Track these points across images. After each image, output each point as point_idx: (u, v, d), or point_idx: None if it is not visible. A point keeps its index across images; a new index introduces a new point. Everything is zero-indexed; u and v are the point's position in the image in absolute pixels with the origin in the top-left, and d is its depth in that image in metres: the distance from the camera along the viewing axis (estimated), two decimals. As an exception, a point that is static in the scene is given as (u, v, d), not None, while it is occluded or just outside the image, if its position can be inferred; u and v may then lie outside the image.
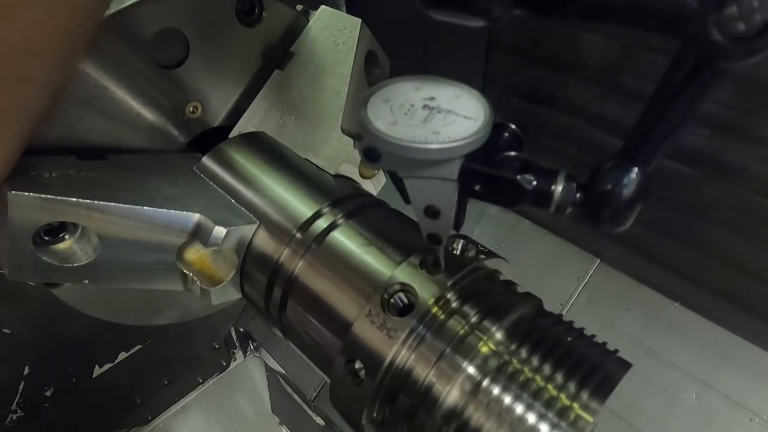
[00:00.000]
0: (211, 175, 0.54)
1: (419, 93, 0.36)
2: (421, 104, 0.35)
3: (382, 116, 0.35)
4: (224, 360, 1.26)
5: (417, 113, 0.35)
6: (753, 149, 0.59)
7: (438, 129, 0.34)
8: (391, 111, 0.35)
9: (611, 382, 0.37)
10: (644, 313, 0.80)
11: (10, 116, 0.41)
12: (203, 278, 0.50)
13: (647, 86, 0.64)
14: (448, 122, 0.34)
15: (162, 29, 0.52)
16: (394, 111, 0.35)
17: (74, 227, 0.46)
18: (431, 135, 0.33)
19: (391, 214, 0.53)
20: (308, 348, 0.50)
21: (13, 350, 0.87)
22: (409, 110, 0.35)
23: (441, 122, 0.34)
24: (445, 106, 0.35)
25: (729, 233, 0.67)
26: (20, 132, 0.42)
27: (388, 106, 0.35)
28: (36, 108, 0.42)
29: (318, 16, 0.65)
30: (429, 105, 0.35)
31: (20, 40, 0.36)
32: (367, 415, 0.41)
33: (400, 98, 0.36)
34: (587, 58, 0.68)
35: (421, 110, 0.35)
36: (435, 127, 0.34)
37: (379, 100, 0.36)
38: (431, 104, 0.35)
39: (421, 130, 0.33)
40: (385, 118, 0.34)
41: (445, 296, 0.41)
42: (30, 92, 0.41)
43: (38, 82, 0.41)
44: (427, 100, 0.36)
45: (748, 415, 0.70)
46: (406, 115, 0.35)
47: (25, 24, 0.35)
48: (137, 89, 0.54)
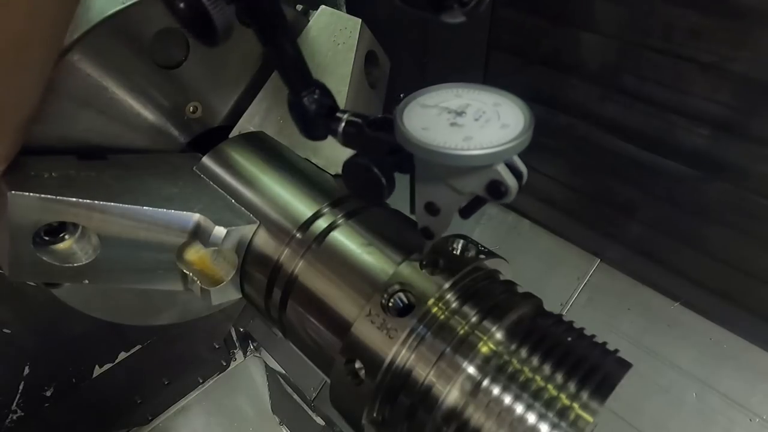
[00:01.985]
0: (211, 175, 0.54)
1: (457, 101, 0.36)
2: (457, 110, 0.35)
3: (416, 121, 0.35)
4: (224, 360, 1.26)
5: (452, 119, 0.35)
6: (753, 149, 0.59)
7: (472, 134, 0.33)
8: (426, 117, 0.35)
9: (611, 382, 0.37)
10: (644, 313, 0.80)
11: (12, 105, 0.41)
12: (203, 278, 0.50)
13: (647, 86, 0.64)
14: (485, 128, 0.34)
15: (162, 29, 0.52)
16: (430, 117, 0.35)
17: (74, 227, 0.46)
18: (462, 142, 0.33)
19: (391, 215, 0.53)
20: (308, 348, 0.50)
21: (13, 350, 0.87)
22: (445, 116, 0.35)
23: (476, 129, 0.34)
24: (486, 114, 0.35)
25: (729, 233, 0.67)
26: (21, 121, 0.42)
27: (424, 112, 0.35)
28: (34, 96, 0.43)
29: (318, 16, 0.65)
30: (465, 112, 0.35)
31: (22, 27, 0.36)
32: (367, 415, 0.41)
33: (437, 105, 0.36)
34: (587, 58, 0.68)
35: (456, 116, 0.35)
36: (468, 133, 0.34)
37: (416, 105, 0.36)
38: (467, 111, 0.35)
39: (454, 136, 0.33)
40: (419, 123, 0.34)
41: (445, 296, 0.41)
42: (30, 80, 0.41)
43: (37, 68, 0.41)
44: (464, 107, 0.36)
45: (748, 415, 0.70)
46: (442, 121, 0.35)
47: (25, 10, 0.35)
48: (137, 89, 0.54)
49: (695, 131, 0.62)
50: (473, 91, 0.37)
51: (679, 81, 0.61)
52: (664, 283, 0.79)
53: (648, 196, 0.73)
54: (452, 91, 0.37)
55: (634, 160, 0.70)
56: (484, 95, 0.36)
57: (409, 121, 0.35)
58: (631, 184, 0.74)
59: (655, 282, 0.80)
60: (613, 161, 0.73)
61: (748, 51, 0.55)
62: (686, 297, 0.77)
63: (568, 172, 0.80)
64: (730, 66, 0.56)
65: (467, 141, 0.33)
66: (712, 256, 0.71)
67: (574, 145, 0.76)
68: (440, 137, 0.33)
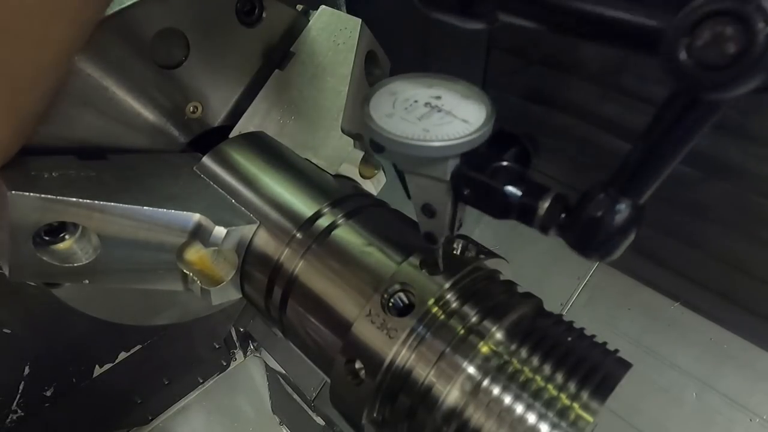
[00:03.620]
0: (211, 175, 0.54)
1: (428, 91, 0.36)
2: (424, 101, 0.36)
3: (382, 108, 0.35)
4: (224, 360, 1.26)
5: (417, 110, 0.35)
6: (753, 149, 0.59)
7: (430, 127, 0.34)
8: (393, 104, 0.35)
9: (611, 382, 0.37)
10: (644, 313, 0.80)
11: (25, 82, 0.39)
12: (203, 278, 0.50)
13: (647, 86, 0.64)
14: (445, 122, 0.34)
15: (162, 29, 0.52)
16: (396, 105, 0.35)
17: (74, 227, 0.46)
18: (421, 132, 0.33)
19: (391, 215, 0.53)
20: (308, 348, 0.50)
21: (13, 350, 0.87)
22: (411, 106, 0.35)
23: (437, 121, 0.34)
24: (446, 107, 0.35)
25: (729, 233, 0.67)
26: (32, 105, 0.41)
27: (391, 99, 0.36)
28: (49, 78, 0.41)
29: (318, 16, 0.65)
30: (431, 103, 0.35)
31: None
32: (368, 415, 0.41)
33: (406, 93, 0.36)
34: (587, 58, 0.68)
35: (422, 107, 0.35)
36: (428, 125, 0.34)
37: (386, 92, 0.36)
38: (434, 102, 0.35)
39: (414, 127, 0.34)
40: (384, 110, 0.35)
41: (445, 296, 0.41)
42: (46, 57, 0.39)
43: (55, 45, 0.39)
44: (432, 99, 0.36)
45: (748, 415, 0.70)
46: (406, 110, 0.35)
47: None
48: (137, 89, 0.54)
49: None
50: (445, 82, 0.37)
51: (679, 81, 0.61)
52: (664, 283, 0.79)
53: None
54: (424, 80, 0.37)
55: (634, 160, 0.69)
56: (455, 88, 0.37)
57: (376, 108, 0.35)
58: (631, 184, 0.74)
59: (655, 282, 0.80)
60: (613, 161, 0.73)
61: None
62: (686, 297, 0.78)
63: (568, 172, 0.80)
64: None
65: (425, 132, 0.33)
66: (712, 256, 0.71)
67: (574, 145, 0.76)
68: (401, 126, 0.34)
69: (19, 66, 0.38)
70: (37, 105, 0.42)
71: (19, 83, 0.39)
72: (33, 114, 0.42)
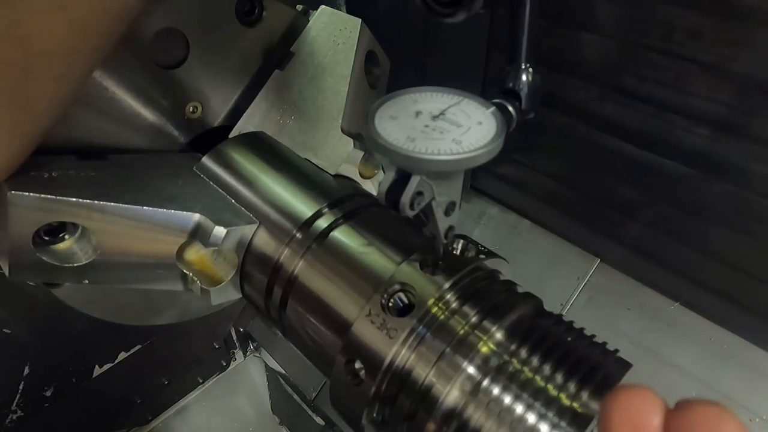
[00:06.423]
0: (211, 175, 0.54)
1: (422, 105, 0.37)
2: (429, 117, 0.37)
3: (395, 134, 0.35)
4: (224, 360, 1.26)
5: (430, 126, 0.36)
6: (753, 149, 0.59)
7: (458, 138, 0.35)
8: (402, 128, 0.36)
9: (611, 382, 0.37)
10: (644, 313, 0.80)
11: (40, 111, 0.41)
12: (203, 278, 0.50)
13: (647, 86, 0.64)
14: (464, 131, 0.36)
15: (162, 29, 0.52)
16: (406, 127, 0.36)
17: (74, 227, 0.46)
18: (453, 145, 0.34)
19: (391, 215, 0.53)
20: (308, 348, 0.50)
21: (13, 350, 0.87)
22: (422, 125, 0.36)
23: (458, 132, 0.35)
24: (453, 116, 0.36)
25: (729, 233, 0.67)
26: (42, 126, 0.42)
27: (397, 123, 0.36)
28: (63, 106, 0.42)
29: (318, 16, 0.65)
30: (437, 116, 0.37)
31: (68, 34, 0.35)
32: (367, 415, 0.41)
33: (406, 112, 0.37)
34: (587, 58, 0.68)
35: (433, 122, 0.36)
36: (455, 137, 0.35)
37: (386, 117, 0.37)
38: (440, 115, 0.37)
39: (443, 142, 0.35)
40: (400, 135, 0.35)
41: (445, 296, 0.41)
42: (64, 90, 0.40)
43: (74, 80, 0.40)
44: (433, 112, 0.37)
45: (748, 415, 0.70)
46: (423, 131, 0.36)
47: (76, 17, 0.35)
48: (137, 89, 0.54)
49: (695, 131, 0.62)
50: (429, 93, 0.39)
51: (679, 81, 0.61)
52: (664, 283, 0.79)
53: (648, 196, 0.73)
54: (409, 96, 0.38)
55: (634, 160, 0.70)
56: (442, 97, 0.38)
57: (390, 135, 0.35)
58: (631, 184, 0.74)
59: (655, 282, 0.80)
60: (613, 161, 0.73)
61: (748, 51, 0.55)
62: (686, 297, 0.77)
63: (568, 172, 0.80)
64: (730, 66, 0.56)
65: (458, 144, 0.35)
66: (712, 256, 0.71)
67: (574, 145, 0.76)
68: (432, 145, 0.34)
69: (37, 100, 0.40)
70: (46, 125, 0.43)
71: (34, 113, 0.41)
72: (42, 132, 0.43)
